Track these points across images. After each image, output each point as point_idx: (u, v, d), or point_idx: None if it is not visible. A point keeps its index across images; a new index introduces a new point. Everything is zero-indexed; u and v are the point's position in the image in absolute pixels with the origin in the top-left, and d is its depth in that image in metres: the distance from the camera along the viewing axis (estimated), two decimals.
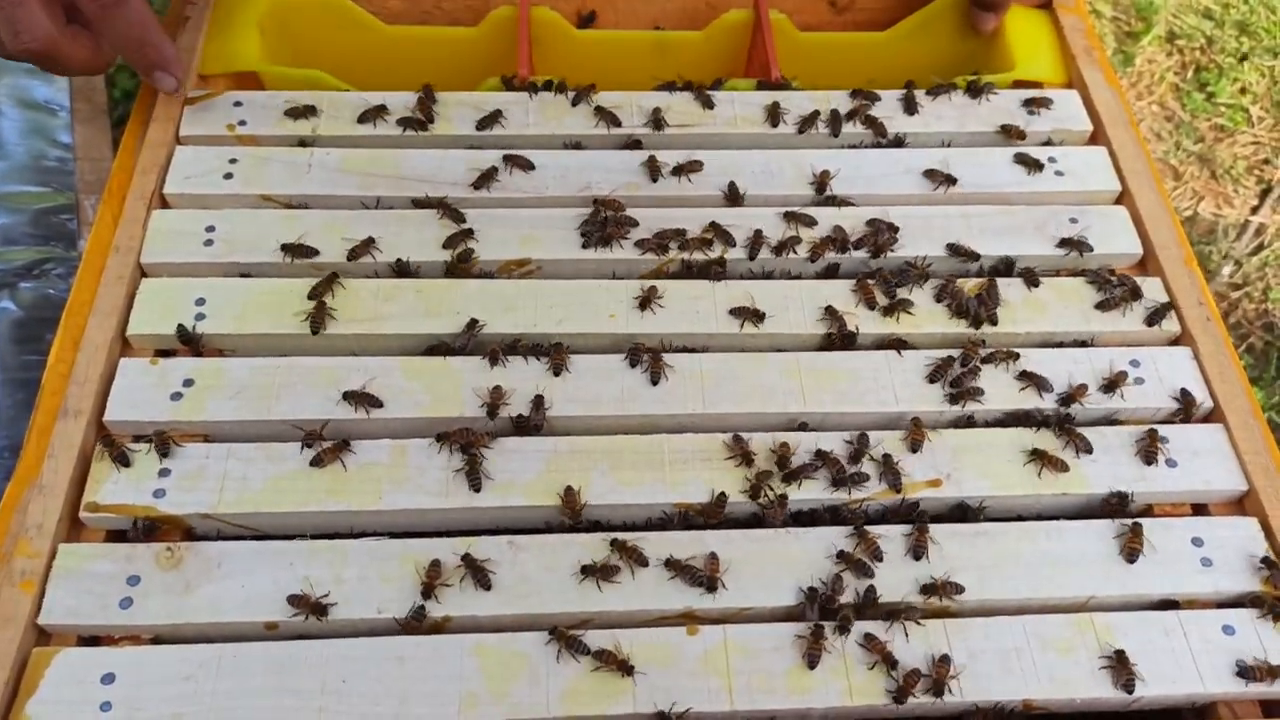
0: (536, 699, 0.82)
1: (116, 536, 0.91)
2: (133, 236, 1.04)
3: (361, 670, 0.82)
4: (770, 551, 0.90)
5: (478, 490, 0.91)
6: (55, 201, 1.60)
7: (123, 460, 0.91)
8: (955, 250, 1.09)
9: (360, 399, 0.94)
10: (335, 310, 1.01)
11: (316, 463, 0.92)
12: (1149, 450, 0.95)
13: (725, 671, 0.83)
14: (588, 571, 0.87)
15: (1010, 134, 1.18)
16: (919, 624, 0.86)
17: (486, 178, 1.11)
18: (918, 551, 0.89)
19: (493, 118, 1.15)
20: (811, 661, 0.82)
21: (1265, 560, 0.91)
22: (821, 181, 1.13)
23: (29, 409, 1.35)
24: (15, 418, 1.33)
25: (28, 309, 1.46)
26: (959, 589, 0.88)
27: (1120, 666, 0.84)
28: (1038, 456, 0.95)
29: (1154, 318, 1.05)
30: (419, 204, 1.09)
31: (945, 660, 0.83)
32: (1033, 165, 1.15)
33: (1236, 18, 3.30)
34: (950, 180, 1.14)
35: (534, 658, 0.83)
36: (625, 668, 0.82)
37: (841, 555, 0.89)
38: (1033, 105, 1.20)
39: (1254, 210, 2.95)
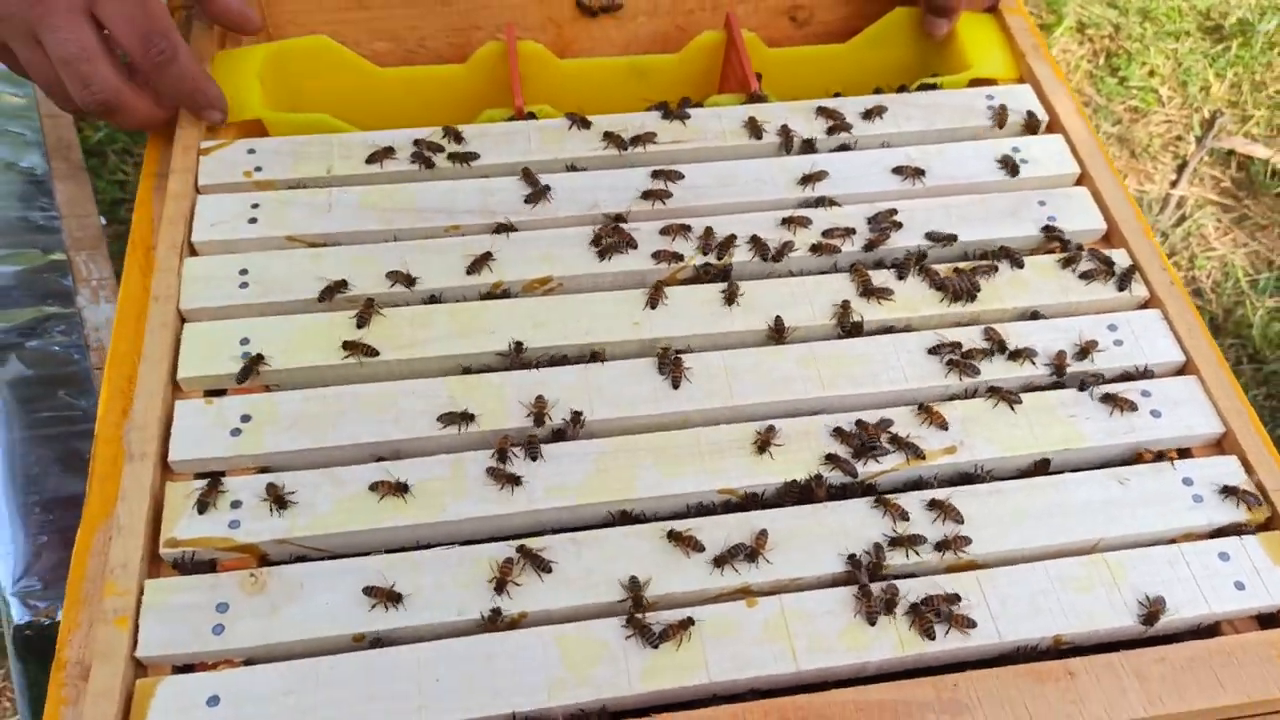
0: (619, 679, 0.88)
1: (185, 570, 0.95)
2: (169, 285, 1.09)
3: (452, 669, 0.88)
4: (812, 526, 0.98)
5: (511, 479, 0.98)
6: (47, 260, 1.62)
7: (202, 507, 0.95)
8: (932, 237, 1.18)
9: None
10: (375, 339, 1.06)
11: (374, 488, 0.97)
12: (1123, 404, 1.05)
13: (786, 636, 0.91)
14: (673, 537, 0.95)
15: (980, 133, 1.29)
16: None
17: (538, 196, 1.19)
18: (957, 517, 0.97)
19: (465, 157, 1.22)
20: (871, 619, 0.90)
21: (1227, 489, 1.01)
22: (810, 179, 1.22)
23: (57, 465, 1.39)
24: (42, 474, 1.36)
25: (36, 368, 1.48)
26: (967, 541, 0.96)
27: (1151, 610, 0.93)
28: (995, 392, 1.07)
29: (1123, 284, 1.15)
30: (498, 229, 1.17)
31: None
32: (1008, 166, 1.25)
33: (1139, 5, 3.50)
34: (919, 173, 1.24)
35: (612, 642, 0.90)
36: (685, 624, 0.89)
37: (895, 541, 0.96)
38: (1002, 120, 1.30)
39: (1173, 184, 3.13)
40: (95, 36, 1.10)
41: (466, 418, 1.01)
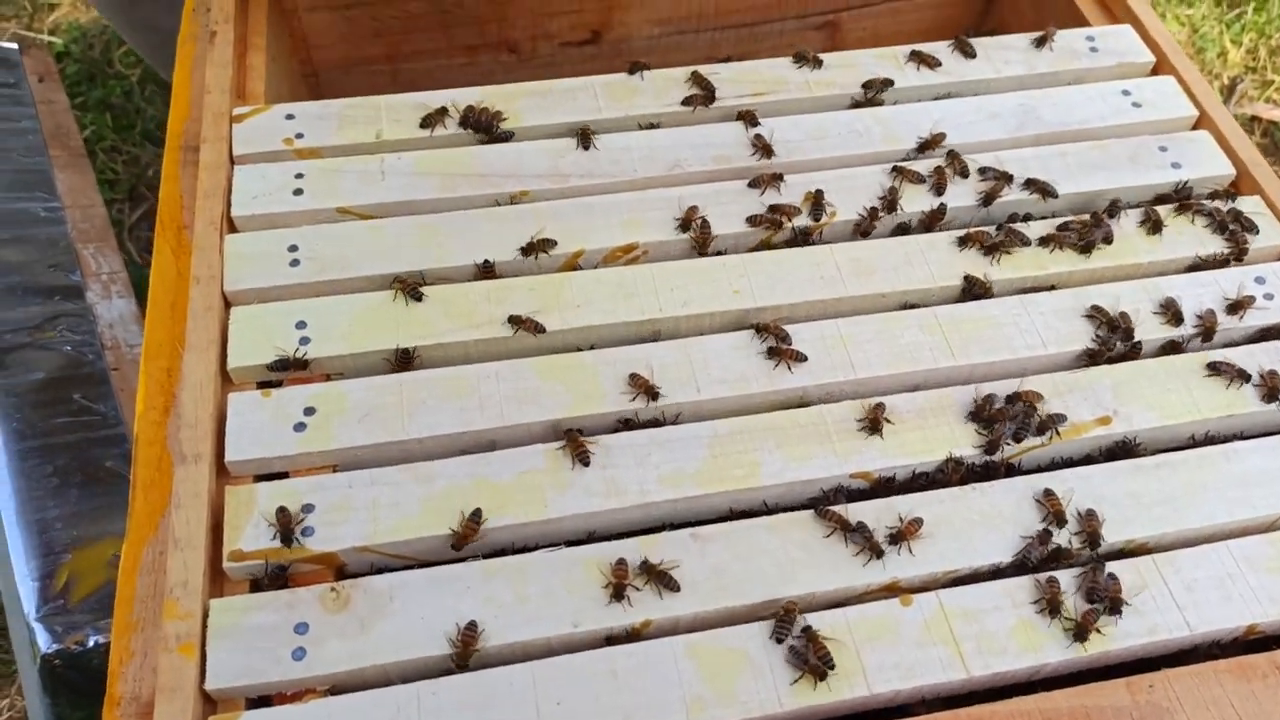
0: (766, 694, 0.76)
1: (258, 585, 0.83)
2: (211, 264, 0.96)
3: (574, 689, 0.76)
4: (960, 511, 0.86)
5: (586, 464, 0.86)
6: (51, 256, 1.49)
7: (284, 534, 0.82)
8: (1032, 185, 1.07)
9: None
10: (449, 317, 0.94)
11: (456, 546, 0.83)
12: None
13: (951, 639, 0.79)
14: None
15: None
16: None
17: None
18: (1094, 540, 0.85)
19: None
20: (1054, 609, 0.79)
21: None
22: (934, 140, 1.10)
23: (73, 475, 1.26)
24: (60, 485, 1.22)
25: (46, 370, 1.35)
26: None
27: None
28: (1215, 370, 0.94)
29: (1267, 233, 1.04)
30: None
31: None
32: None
33: None
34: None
35: (752, 651, 0.78)
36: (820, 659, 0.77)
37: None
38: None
39: None
40: None
41: (651, 393, 0.90)
